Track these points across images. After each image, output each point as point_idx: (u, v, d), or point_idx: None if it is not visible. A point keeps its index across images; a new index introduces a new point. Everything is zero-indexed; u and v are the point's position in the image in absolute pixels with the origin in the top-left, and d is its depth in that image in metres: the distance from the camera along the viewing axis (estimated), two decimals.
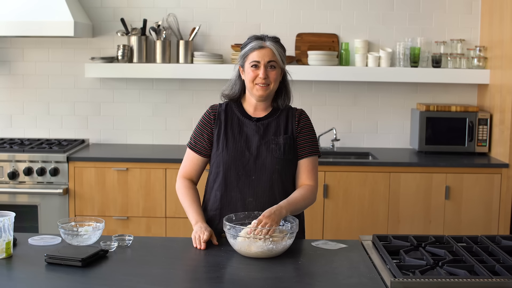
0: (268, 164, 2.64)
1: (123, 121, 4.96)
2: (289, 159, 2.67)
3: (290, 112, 2.75)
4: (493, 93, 4.58)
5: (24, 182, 4.36)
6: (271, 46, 2.64)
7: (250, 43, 2.66)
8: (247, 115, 2.73)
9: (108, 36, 4.88)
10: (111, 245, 2.43)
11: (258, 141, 2.67)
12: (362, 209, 4.34)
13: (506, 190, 4.33)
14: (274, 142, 2.67)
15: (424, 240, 2.54)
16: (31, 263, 2.29)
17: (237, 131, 2.69)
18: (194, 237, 2.51)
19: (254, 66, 2.63)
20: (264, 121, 2.71)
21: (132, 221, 4.38)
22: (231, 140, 2.68)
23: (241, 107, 2.75)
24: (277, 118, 2.72)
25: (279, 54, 2.65)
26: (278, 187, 2.65)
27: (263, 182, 2.64)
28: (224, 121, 2.72)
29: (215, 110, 2.76)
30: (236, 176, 2.65)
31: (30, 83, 4.93)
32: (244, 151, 2.66)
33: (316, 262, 2.34)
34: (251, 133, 2.69)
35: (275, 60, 2.64)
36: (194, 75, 4.70)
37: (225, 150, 2.66)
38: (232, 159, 2.65)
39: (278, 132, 2.69)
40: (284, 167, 2.66)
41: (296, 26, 4.85)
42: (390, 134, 4.98)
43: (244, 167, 2.64)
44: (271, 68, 2.63)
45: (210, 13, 4.86)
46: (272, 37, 2.68)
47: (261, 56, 2.62)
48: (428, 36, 4.85)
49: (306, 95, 4.90)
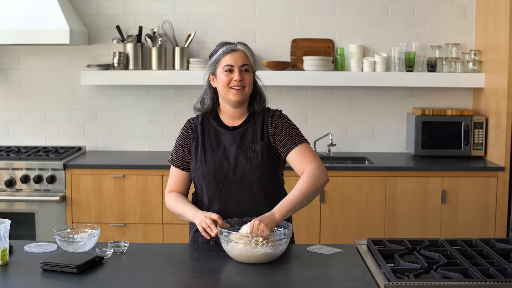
0: (247, 173, 2.61)
1: (119, 128, 4.97)
2: (268, 165, 2.63)
3: (266, 115, 2.70)
4: (489, 97, 4.60)
5: (21, 190, 4.36)
6: (243, 49, 2.63)
7: (220, 48, 2.64)
8: (223, 125, 2.69)
9: (104, 43, 4.90)
10: (107, 251, 2.43)
11: (235, 151, 2.63)
12: (359, 214, 4.35)
13: (502, 193, 4.33)
14: (252, 150, 2.63)
15: (419, 244, 2.55)
16: (27, 270, 2.29)
17: (214, 143, 2.67)
18: (202, 227, 2.46)
19: (227, 70, 2.60)
20: (240, 129, 2.67)
21: (129, 228, 4.38)
22: (209, 152, 2.65)
23: (217, 118, 2.72)
24: (254, 124, 2.68)
25: (251, 57, 2.65)
26: (260, 194, 2.62)
27: (244, 191, 2.61)
28: (201, 134, 2.69)
29: (191, 123, 2.74)
30: (217, 188, 2.62)
31: (26, 91, 4.95)
32: (223, 162, 2.63)
33: (310, 266, 2.35)
34: (228, 143, 2.65)
35: (248, 64, 2.63)
36: (190, 81, 4.71)
37: (204, 163, 2.64)
38: (212, 171, 2.62)
39: (255, 139, 2.65)
40: (264, 174, 2.62)
41: (291, 32, 4.87)
42: (386, 139, 4.99)
43: (224, 178, 2.62)
44: (245, 72, 2.62)
45: (205, 20, 4.88)
46: (241, 42, 2.68)
47: (234, 60, 2.60)
48: (423, 40, 4.87)
49: (302, 101, 4.91)
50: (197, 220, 2.52)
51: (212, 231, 2.43)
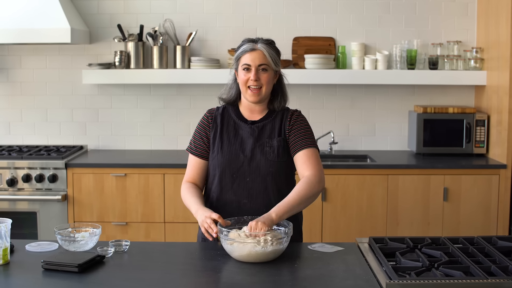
0: (262, 166, 2.65)
1: (121, 127, 4.97)
2: (283, 161, 2.68)
3: (285, 114, 2.75)
4: (490, 94, 4.59)
5: (23, 189, 4.36)
6: (262, 48, 2.64)
7: (242, 46, 2.68)
8: (243, 118, 2.74)
9: (105, 42, 4.90)
10: (108, 250, 2.43)
11: (252, 144, 2.68)
12: (361, 212, 4.35)
13: (504, 191, 4.33)
14: (268, 144, 2.67)
15: (420, 242, 2.54)
16: (28, 270, 2.29)
17: (232, 134, 2.71)
18: (204, 227, 2.47)
19: (245, 69, 2.65)
20: (259, 123, 2.72)
21: (131, 227, 4.38)
22: (226, 143, 2.70)
23: (237, 111, 2.77)
24: (273, 120, 2.73)
25: (271, 56, 2.66)
26: (272, 189, 2.66)
27: (258, 184, 2.65)
28: (220, 124, 2.74)
29: (212, 113, 2.78)
30: (231, 178, 2.66)
31: (28, 90, 4.95)
32: (239, 153, 2.67)
33: (312, 265, 2.35)
34: (246, 136, 2.70)
35: (266, 63, 2.64)
36: (191, 80, 4.71)
37: (220, 153, 2.68)
38: (227, 161, 2.67)
39: (273, 134, 2.69)
40: (278, 170, 2.67)
41: (292, 30, 4.86)
42: (388, 137, 4.98)
43: (238, 170, 2.66)
44: (263, 71, 2.64)
45: (206, 18, 4.87)
46: (265, 39, 2.69)
47: (252, 59, 2.63)
48: (425, 38, 4.86)
49: (304, 99, 4.91)
50: (198, 219, 2.54)
51: (213, 231, 2.44)
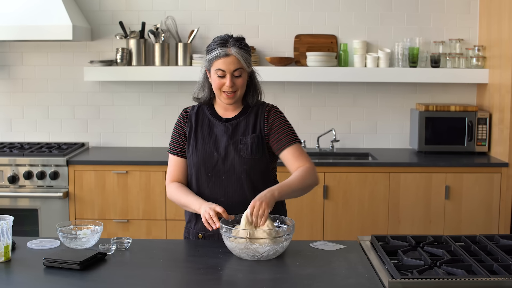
0: (236, 164, 2.65)
1: (122, 124, 4.97)
2: (257, 158, 2.66)
3: (260, 109, 2.73)
4: (492, 93, 4.58)
5: (24, 186, 4.36)
6: (236, 53, 2.59)
7: (214, 49, 2.61)
8: (217, 116, 2.73)
9: (107, 39, 4.89)
10: (110, 248, 2.43)
11: (226, 142, 2.67)
12: (362, 210, 4.34)
13: (506, 189, 4.32)
14: (242, 142, 2.66)
15: (423, 240, 2.54)
16: (29, 267, 2.29)
17: (206, 133, 2.71)
18: (205, 219, 2.47)
19: (219, 76, 2.61)
20: (233, 121, 2.71)
21: (133, 224, 4.38)
22: (201, 141, 2.70)
23: (212, 108, 2.76)
24: (247, 117, 2.71)
25: (244, 59, 2.61)
26: (248, 186, 2.65)
27: (233, 182, 2.65)
28: (195, 123, 2.74)
29: (187, 112, 2.78)
30: (206, 177, 2.67)
31: (29, 87, 4.94)
32: (213, 152, 2.67)
33: (314, 263, 2.34)
34: (220, 134, 2.69)
35: (240, 67, 2.61)
36: (193, 77, 4.68)
37: (195, 152, 2.69)
38: (201, 160, 2.67)
39: (247, 131, 2.68)
40: (253, 166, 2.66)
41: (294, 28, 4.85)
42: (390, 135, 4.98)
43: (213, 168, 2.66)
44: (237, 77, 2.62)
45: (208, 16, 4.87)
46: (236, 39, 2.64)
47: (226, 65, 2.59)
48: (427, 36, 4.85)
49: (305, 96, 4.90)
50: (202, 211, 2.52)
51: (214, 224, 2.43)
